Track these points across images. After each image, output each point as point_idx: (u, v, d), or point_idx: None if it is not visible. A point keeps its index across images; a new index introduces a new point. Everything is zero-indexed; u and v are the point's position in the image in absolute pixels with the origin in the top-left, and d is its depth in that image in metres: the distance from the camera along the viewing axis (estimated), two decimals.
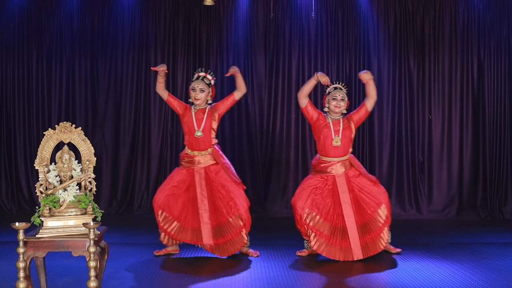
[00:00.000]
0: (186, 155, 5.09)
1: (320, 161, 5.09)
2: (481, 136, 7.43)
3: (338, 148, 5.01)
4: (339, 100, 5.07)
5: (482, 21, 7.45)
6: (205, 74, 5.08)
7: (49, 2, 7.47)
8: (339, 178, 5.00)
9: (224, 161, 5.10)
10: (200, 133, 4.99)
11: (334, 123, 5.06)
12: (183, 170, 5.08)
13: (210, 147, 5.06)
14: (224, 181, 4.99)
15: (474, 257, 5.03)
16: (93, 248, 3.14)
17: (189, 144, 5.07)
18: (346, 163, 5.07)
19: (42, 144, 3.51)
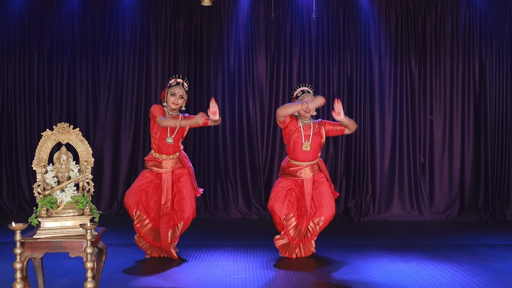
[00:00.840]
0: (153, 159, 5.08)
1: (290, 165, 5.13)
2: (482, 137, 7.41)
3: (308, 152, 5.04)
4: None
5: (483, 22, 7.42)
6: (182, 81, 5.06)
7: (50, 3, 7.48)
8: (306, 182, 5.06)
9: (190, 165, 5.15)
10: (171, 140, 4.98)
11: (305, 127, 5.07)
12: (149, 173, 5.08)
13: (178, 151, 5.09)
14: (182, 187, 5.02)
15: (474, 259, 5.01)
16: (90, 249, 3.13)
17: (157, 148, 5.05)
18: (315, 167, 5.12)
19: (40, 144, 3.51)
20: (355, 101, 7.44)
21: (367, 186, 7.39)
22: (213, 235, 6.26)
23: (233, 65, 7.47)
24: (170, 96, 5.00)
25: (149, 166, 5.10)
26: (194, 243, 5.68)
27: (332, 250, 5.37)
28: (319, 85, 7.47)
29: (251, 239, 6.03)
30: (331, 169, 7.41)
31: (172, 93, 5.00)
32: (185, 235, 6.18)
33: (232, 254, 5.20)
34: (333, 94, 7.41)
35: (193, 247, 5.43)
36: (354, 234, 6.47)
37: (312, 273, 4.57)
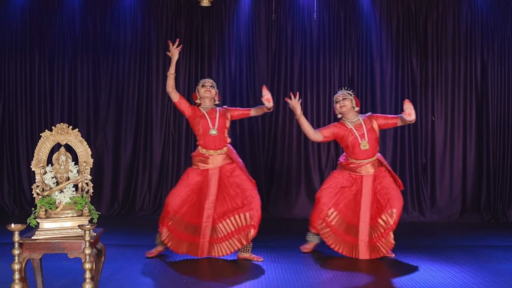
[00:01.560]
0: (200, 155, 4.99)
1: (349, 162, 5.10)
2: (484, 138, 7.38)
3: (367, 150, 5.01)
4: (341, 100, 5.06)
5: (485, 22, 7.40)
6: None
7: (51, 3, 7.48)
8: (366, 179, 5.02)
9: (239, 160, 5.07)
10: (214, 131, 4.90)
11: (356, 127, 5.04)
12: (196, 171, 4.98)
13: (225, 145, 5.00)
14: (239, 180, 4.92)
15: (476, 260, 4.99)
16: (88, 250, 3.12)
17: (203, 143, 4.96)
18: (375, 163, 5.08)
19: (39, 145, 3.50)
20: None
21: None
22: None
23: (234, 66, 7.47)
24: (201, 88, 5.03)
25: (195, 163, 5.00)
26: None
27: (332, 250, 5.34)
28: (320, 86, 7.46)
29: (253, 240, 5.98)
30: (332, 169, 7.38)
31: (202, 84, 5.05)
32: None
33: (232, 254, 5.16)
34: (334, 94, 7.39)
35: None
36: None
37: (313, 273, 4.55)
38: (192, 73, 7.47)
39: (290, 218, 7.26)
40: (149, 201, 7.46)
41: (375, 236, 4.94)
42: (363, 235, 4.93)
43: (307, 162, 7.43)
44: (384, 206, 4.93)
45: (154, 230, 6.38)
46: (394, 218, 4.92)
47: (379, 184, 5.02)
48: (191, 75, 7.46)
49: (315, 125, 7.41)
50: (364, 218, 4.94)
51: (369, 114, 5.17)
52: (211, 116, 4.97)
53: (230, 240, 4.86)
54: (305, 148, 7.46)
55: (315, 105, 7.44)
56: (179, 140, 7.47)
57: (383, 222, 4.92)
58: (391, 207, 4.91)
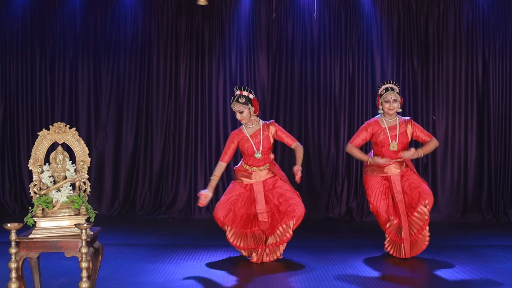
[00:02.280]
0: (243, 170, 5.03)
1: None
2: (486, 137, 7.36)
3: (395, 152, 5.04)
4: (392, 102, 5.04)
5: (486, 21, 7.37)
6: (240, 92, 4.92)
7: (52, 3, 7.49)
8: (394, 178, 5.04)
9: (282, 174, 5.09)
10: (259, 155, 4.94)
11: (390, 128, 5.05)
12: (240, 184, 5.02)
13: (268, 162, 5.04)
14: (282, 191, 4.96)
15: (476, 259, 4.97)
16: (85, 249, 3.12)
17: (247, 161, 5.02)
18: (402, 163, 5.10)
19: (36, 144, 3.51)
20: (357, 101, 7.41)
21: None
22: (214, 236, 6.24)
23: (234, 65, 7.46)
24: (234, 110, 4.98)
25: (239, 177, 5.04)
26: (194, 243, 5.67)
27: (333, 250, 5.34)
28: (321, 85, 7.44)
29: None
30: (332, 170, 7.38)
31: (232, 106, 4.98)
32: (186, 235, 6.22)
33: (233, 255, 5.17)
34: (335, 94, 7.40)
35: (193, 248, 5.41)
36: (356, 234, 6.44)
37: (313, 272, 4.54)
38: (192, 73, 7.46)
39: None
40: (149, 201, 7.47)
41: (415, 232, 4.96)
42: (406, 234, 4.96)
43: (307, 162, 7.40)
44: (417, 200, 4.96)
45: (153, 230, 6.46)
46: (428, 208, 4.95)
47: (407, 180, 5.06)
48: (192, 74, 7.46)
49: (315, 124, 7.42)
50: (404, 217, 4.97)
51: (408, 118, 5.18)
52: (255, 140, 4.95)
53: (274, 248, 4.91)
54: (305, 148, 7.41)
55: (316, 104, 7.42)
56: (179, 140, 7.47)
57: (419, 215, 4.94)
58: (423, 198, 4.94)
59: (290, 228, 4.85)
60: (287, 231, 4.85)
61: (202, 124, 7.47)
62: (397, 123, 5.09)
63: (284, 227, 4.85)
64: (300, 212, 4.88)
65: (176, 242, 5.80)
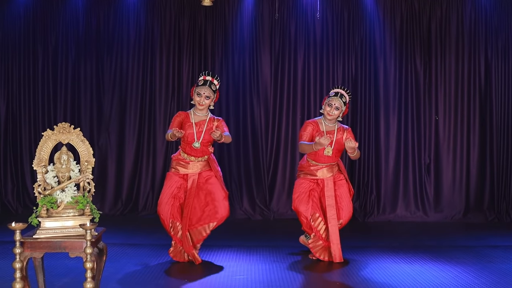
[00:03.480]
0: (180, 159, 4.94)
1: (309, 164, 5.08)
2: (488, 138, 7.36)
3: (329, 157, 5.01)
4: (333, 108, 4.98)
5: (489, 21, 7.37)
6: (212, 79, 4.88)
7: (55, 2, 7.50)
8: (327, 181, 5.00)
9: (218, 169, 5.03)
10: (198, 144, 4.84)
11: (328, 132, 4.99)
12: (177, 176, 4.91)
13: (207, 155, 4.97)
14: (212, 188, 4.88)
15: (479, 260, 4.97)
16: (89, 249, 3.12)
17: (185, 149, 4.93)
18: (334, 167, 5.08)
19: (41, 144, 3.50)
20: (360, 101, 7.42)
21: (371, 186, 7.36)
22: (217, 235, 6.24)
23: (237, 65, 7.47)
24: (196, 96, 4.88)
25: (175, 166, 4.95)
26: None
27: None
28: (324, 85, 7.45)
29: (255, 240, 6.02)
30: None
31: (198, 92, 4.88)
32: None
33: (235, 254, 5.18)
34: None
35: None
36: (359, 234, 6.44)
37: (315, 273, 4.54)
38: (195, 73, 7.46)
39: (293, 218, 7.23)
40: (152, 201, 7.47)
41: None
42: (333, 237, 4.86)
43: None
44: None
45: (157, 230, 6.42)
46: (339, 227, 4.94)
47: (336, 191, 5.02)
48: (194, 75, 7.46)
49: None
50: (333, 221, 4.88)
51: (347, 127, 5.12)
52: (198, 129, 4.88)
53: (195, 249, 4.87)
54: None
55: (318, 104, 7.41)
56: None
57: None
58: (339, 218, 4.94)
59: (209, 229, 4.80)
60: (204, 231, 4.79)
61: None
62: (335, 129, 5.03)
63: (204, 227, 4.79)
64: (222, 215, 4.82)
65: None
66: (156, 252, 5.18)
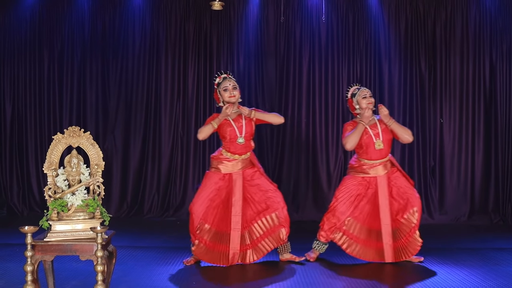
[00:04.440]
0: (223, 158, 4.90)
1: (361, 164, 5.01)
2: (493, 140, 7.36)
3: (382, 150, 4.94)
4: (369, 96, 4.99)
5: (494, 24, 7.38)
6: (227, 74, 4.97)
7: (61, 6, 7.53)
8: (380, 180, 4.94)
9: (260, 165, 5.03)
10: (242, 139, 4.83)
11: (371, 126, 4.97)
12: (218, 175, 4.87)
13: (249, 151, 4.95)
14: (260, 182, 4.88)
15: (485, 262, 4.97)
16: (100, 252, 3.14)
17: (228, 148, 4.90)
18: (387, 164, 5.02)
19: (51, 148, 3.53)
20: None
21: None
22: None
23: (242, 68, 7.48)
24: (224, 92, 4.90)
25: (216, 165, 4.90)
26: None
27: (340, 253, 5.33)
28: (329, 88, 7.46)
29: None
30: (340, 173, 7.39)
31: (224, 88, 4.90)
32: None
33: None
34: (342, 97, 7.41)
35: None
36: None
37: (318, 275, 4.55)
38: (200, 76, 7.48)
39: (298, 220, 7.25)
40: (157, 203, 7.49)
41: (401, 237, 4.90)
42: (386, 238, 4.87)
43: (315, 165, 7.43)
44: (405, 205, 4.91)
45: (162, 232, 6.47)
46: (416, 216, 4.89)
47: (394, 185, 4.97)
48: (200, 78, 7.48)
49: (324, 128, 7.42)
50: (385, 221, 4.88)
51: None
52: (237, 124, 4.88)
53: (260, 244, 4.83)
54: (314, 150, 7.46)
55: (324, 108, 7.44)
56: (187, 142, 7.49)
57: (405, 221, 4.90)
58: (411, 206, 4.89)
59: (274, 220, 4.78)
60: (273, 221, 4.78)
61: None
62: (376, 121, 5.00)
63: (268, 219, 4.79)
64: (281, 203, 4.81)
65: (185, 244, 5.79)
66: (164, 255, 5.20)
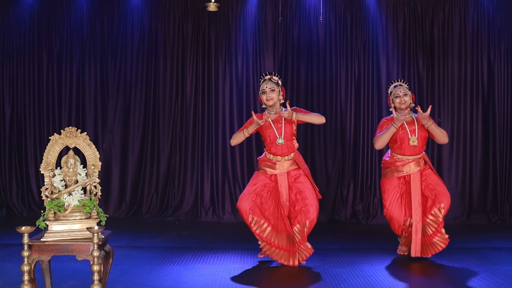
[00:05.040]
0: (267, 160, 4.95)
1: (395, 159, 5.11)
2: (491, 139, 7.37)
3: (416, 147, 5.05)
4: (402, 96, 5.09)
5: (491, 23, 7.39)
6: (270, 76, 4.99)
7: (60, 7, 7.54)
8: (414, 177, 5.04)
9: (306, 167, 5.04)
10: (281, 140, 4.86)
11: (408, 123, 5.08)
12: (264, 174, 4.94)
13: (292, 151, 4.97)
14: (302, 187, 4.90)
15: (482, 262, 4.99)
16: (96, 252, 3.16)
17: (269, 149, 4.94)
18: (421, 161, 5.11)
19: (48, 148, 3.54)
20: (363, 104, 7.43)
21: (374, 188, 7.37)
22: (221, 238, 6.29)
23: (241, 69, 7.49)
24: (262, 95, 4.96)
25: (262, 167, 4.96)
26: (201, 246, 5.71)
27: (339, 253, 5.36)
28: (327, 88, 7.47)
29: None
30: (338, 172, 7.40)
31: (262, 91, 4.96)
32: (193, 237, 6.26)
33: (240, 257, 5.20)
34: (340, 97, 7.42)
35: (200, 250, 5.45)
36: (362, 237, 6.46)
37: (320, 276, 4.56)
38: (199, 76, 7.50)
39: None
40: (156, 203, 7.50)
41: (431, 233, 4.97)
42: (417, 233, 4.94)
43: (314, 163, 7.42)
44: (433, 201, 4.98)
45: (161, 232, 6.49)
46: (443, 212, 4.95)
47: (425, 181, 5.06)
48: (198, 78, 7.50)
49: (321, 127, 7.42)
50: (417, 217, 4.95)
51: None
52: (277, 125, 4.91)
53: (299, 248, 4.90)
54: (312, 149, 7.46)
55: (322, 107, 7.45)
56: (186, 143, 7.50)
57: (433, 217, 4.96)
58: (439, 202, 4.96)
59: (305, 228, 4.82)
60: (303, 230, 4.83)
61: (208, 127, 7.50)
62: (413, 118, 5.13)
63: (299, 227, 4.83)
64: (313, 215, 4.83)
65: (183, 244, 5.83)
66: (162, 255, 5.21)
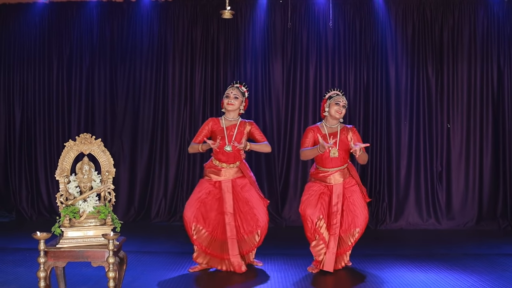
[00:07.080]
0: (213, 166, 4.97)
1: (318, 171, 5.00)
2: (501, 145, 7.35)
3: (336, 159, 4.90)
4: (341, 106, 4.93)
5: (502, 29, 7.38)
6: (240, 85, 5.00)
7: (70, 12, 7.59)
8: (335, 187, 4.90)
9: (251, 175, 5.05)
10: (229, 148, 4.86)
11: (331, 134, 4.92)
12: (209, 182, 4.95)
13: (238, 160, 4.98)
14: (249, 196, 4.92)
15: (493, 269, 4.97)
16: (112, 258, 3.17)
17: (217, 156, 4.96)
18: (345, 171, 4.97)
19: (63, 155, 3.57)
20: (372, 109, 7.43)
21: (383, 194, 7.37)
22: None
23: (249, 74, 7.51)
24: (225, 98, 4.96)
25: (208, 173, 4.98)
26: None
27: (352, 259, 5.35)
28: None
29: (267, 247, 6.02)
30: None
31: (226, 95, 4.96)
32: None
33: None
34: (349, 102, 7.42)
35: None
36: (371, 242, 6.44)
37: (328, 282, 4.56)
38: (207, 81, 7.52)
39: None
40: (164, 208, 7.52)
41: (340, 250, 4.87)
42: (331, 246, 4.79)
43: None
44: (349, 225, 4.86)
45: (170, 237, 6.49)
46: (356, 237, 4.86)
47: (348, 198, 4.90)
48: (207, 83, 7.52)
49: None
50: (335, 231, 4.81)
51: (350, 126, 5.05)
52: (229, 133, 4.93)
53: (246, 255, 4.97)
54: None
55: None
56: None
57: (343, 240, 4.86)
58: (355, 226, 4.84)
59: (256, 236, 4.85)
60: (253, 240, 4.86)
61: None
62: (338, 130, 4.96)
63: (249, 237, 4.86)
64: (263, 222, 4.86)
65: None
66: (172, 260, 5.23)
